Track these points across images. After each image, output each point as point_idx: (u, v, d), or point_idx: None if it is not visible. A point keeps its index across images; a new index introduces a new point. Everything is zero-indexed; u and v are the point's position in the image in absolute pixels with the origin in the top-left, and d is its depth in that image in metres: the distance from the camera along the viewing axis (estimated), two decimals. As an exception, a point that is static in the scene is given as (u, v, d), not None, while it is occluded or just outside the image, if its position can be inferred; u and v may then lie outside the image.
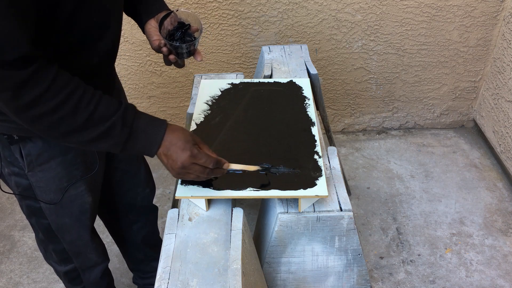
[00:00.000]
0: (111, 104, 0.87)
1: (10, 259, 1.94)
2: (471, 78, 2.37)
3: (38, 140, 1.03)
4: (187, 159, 0.92)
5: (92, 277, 1.37)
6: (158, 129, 0.92)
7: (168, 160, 0.93)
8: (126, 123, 0.88)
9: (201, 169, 0.94)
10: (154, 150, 0.92)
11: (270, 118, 1.27)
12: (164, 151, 0.92)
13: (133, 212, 1.45)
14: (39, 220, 1.20)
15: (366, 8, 2.10)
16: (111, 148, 0.90)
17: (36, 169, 1.07)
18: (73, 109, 0.83)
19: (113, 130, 0.87)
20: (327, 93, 2.39)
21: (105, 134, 0.87)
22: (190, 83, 2.31)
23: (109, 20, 0.98)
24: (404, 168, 2.30)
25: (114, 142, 0.88)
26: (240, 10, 2.09)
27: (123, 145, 0.89)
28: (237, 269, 0.94)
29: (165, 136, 0.92)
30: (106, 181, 1.31)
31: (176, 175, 0.95)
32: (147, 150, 0.92)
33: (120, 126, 0.87)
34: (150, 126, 0.92)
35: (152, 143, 0.92)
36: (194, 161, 0.92)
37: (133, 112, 0.90)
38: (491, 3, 2.11)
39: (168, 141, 0.92)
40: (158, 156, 0.94)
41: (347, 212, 1.09)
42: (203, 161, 0.93)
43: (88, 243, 1.27)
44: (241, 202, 1.79)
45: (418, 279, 1.78)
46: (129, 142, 0.90)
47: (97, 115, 0.85)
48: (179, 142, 0.92)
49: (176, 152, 0.92)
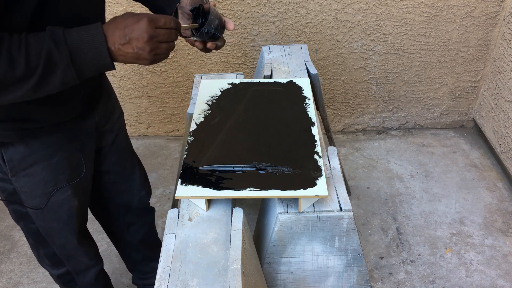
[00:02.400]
0: (38, 36, 0.80)
1: (10, 259, 1.94)
2: (471, 78, 2.37)
3: (20, 145, 1.01)
4: (148, 25, 0.80)
5: (87, 280, 1.37)
6: (93, 29, 0.81)
7: (132, 45, 0.81)
8: (59, 44, 0.79)
9: (167, 32, 0.84)
10: (104, 51, 0.80)
11: (270, 118, 1.27)
12: (119, 42, 0.80)
13: (129, 214, 1.44)
14: (27, 224, 1.19)
15: (366, 8, 2.10)
16: (65, 78, 0.81)
17: (19, 174, 1.05)
18: (9, 60, 0.77)
19: (52, 57, 0.78)
20: (327, 93, 2.39)
21: (48, 66, 0.79)
22: (190, 83, 2.31)
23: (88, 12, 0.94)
24: (404, 168, 2.30)
25: (62, 69, 0.79)
26: (240, 10, 2.09)
27: (72, 67, 0.80)
28: (237, 269, 0.94)
29: (107, 29, 0.81)
30: (100, 184, 1.31)
31: (149, 55, 0.83)
32: (100, 57, 0.81)
33: (55, 48, 0.78)
34: (84, 32, 0.80)
35: (98, 46, 0.80)
36: (155, 24, 0.81)
37: (60, 30, 0.80)
38: (491, 3, 2.11)
39: (113, 29, 0.81)
40: (118, 55, 0.82)
41: (347, 212, 1.09)
42: (163, 20, 0.83)
43: (78, 246, 1.26)
44: (241, 202, 1.79)
45: (418, 279, 1.78)
46: (76, 61, 0.80)
47: (32, 53, 0.78)
48: (128, 19, 0.81)
49: (134, 29, 0.80)
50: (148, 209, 1.50)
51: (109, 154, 1.27)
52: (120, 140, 1.29)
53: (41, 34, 0.80)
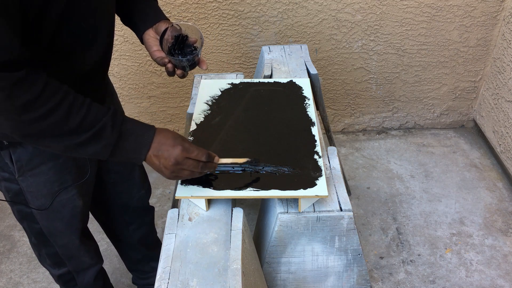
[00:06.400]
0: (101, 108, 0.87)
1: (10, 259, 1.94)
2: (471, 78, 2.37)
3: (28, 145, 1.02)
4: (179, 153, 0.91)
5: (86, 279, 1.37)
6: (147, 130, 0.92)
7: (160, 160, 0.91)
8: (115, 124, 0.87)
9: (194, 163, 0.93)
10: (144, 152, 0.91)
11: (270, 118, 1.27)
12: (154, 152, 0.91)
13: (128, 214, 1.45)
14: (30, 224, 1.20)
15: (366, 8, 2.10)
16: (100, 151, 0.88)
17: (26, 174, 1.06)
18: (66, 114, 0.82)
19: (103, 132, 0.86)
20: (327, 93, 2.39)
21: (96, 136, 0.86)
22: (190, 83, 2.31)
23: (99, 26, 0.97)
24: (404, 168, 2.30)
25: (104, 144, 0.87)
26: (240, 10, 2.09)
27: (112, 148, 0.88)
28: (237, 269, 0.94)
29: (155, 137, 0.92)
30: (100, 183, 1.31)
31: (169, 175, 0.94)
32: (137, 153, 0.91)
33: (110, 127, 0.86)
34: (139, 128, 0.91)
35: (141, 145, 0.91)
36: (186, 155, 0.92)
37: (122, 115, 0.90)
38: (491, 3, 2.11)
39: (157, 142, 0.91)
40: (148, 159, 0.93)
41: (347, 212, 1.09)
42: (195, 153, 0.93)
43: (80, 246, 1.27)
44: (241, 202, 1.79)
45: (418, 279, 1.78)
46: (119, 144, 0.88)
47: (89, 118, 0.85)
48: (169, 140, 0.92)
49: (168, 150, 0.91)
50: (147, 208, 1.50)
51: None
52: None
53: (104, 107, 0.88)
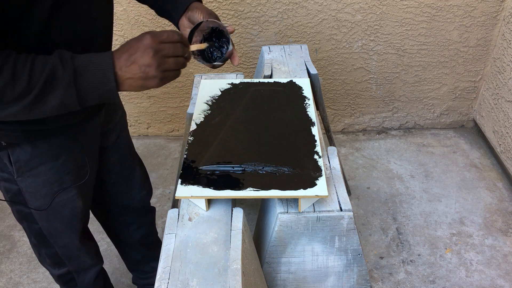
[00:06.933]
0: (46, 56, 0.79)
1: (10, 259, 1.94)
2: (471, 78, 2.37)
3: (27, 146, 1.01)
4: (151, 40, 0.80)
5: (87, 279, 1.37)
6: (102, 54, 0.81)
7: (138, 64, 0.80)
8: (65, 61, 0.78)
9: (172, 46, 0.83)
10: (111, 70, 0.79)
11: (270, 118, 1.27)
12: (126, 63, 0.80)
13: (129, 214, 1.44)
14: (30, 225, 1.19)
15: (366, 8, 2.10)
16: (64, 99, 0.79)
17: (25, 175, 1.06)
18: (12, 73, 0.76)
19: (55, 73, 0.77)
20: (327, 93, 2.39)
21: (49, 81, 0.77)
22: (190, 83, 2.31)
23: (95, 30, 0.96)
24: (404, 168, 2.30)
25: (63, 87, 0.78)
26: (240, 10, 2.09)
27: (75, 89, 0.78)
28: (237, 269, 0.94)
29: (114, 54, 0.81)
30: (100, 183, 1.31)
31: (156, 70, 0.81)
32: (106, 77, 0.79)
33: (60, 65, 0.77)
34: (93, 55, 0.80)
35: (104, 68, 0.79)
36: (158, 39, 0.81)
37: (69, 52, 0.80)
38: (491, 3, 2.11)
39: (119, 54, 0.80)
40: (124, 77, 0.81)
41: (347, 212, 1.09)
42: (166, 34, 0.82)
43: (80, 247, 1.26)
44: (241, 202, 1.79)
45: (418, 279, 1.78)
46: (79, 81, 0.78)
47: (36, 68, 0.77)
48: (131, 42, 0.81)
49: (137, 47, 0.80)
50: (148, 209, 1.50)
51: (111, 154, 1.27)
52: (122, 140, 1.30)
53: (50, 55, 0.79)
